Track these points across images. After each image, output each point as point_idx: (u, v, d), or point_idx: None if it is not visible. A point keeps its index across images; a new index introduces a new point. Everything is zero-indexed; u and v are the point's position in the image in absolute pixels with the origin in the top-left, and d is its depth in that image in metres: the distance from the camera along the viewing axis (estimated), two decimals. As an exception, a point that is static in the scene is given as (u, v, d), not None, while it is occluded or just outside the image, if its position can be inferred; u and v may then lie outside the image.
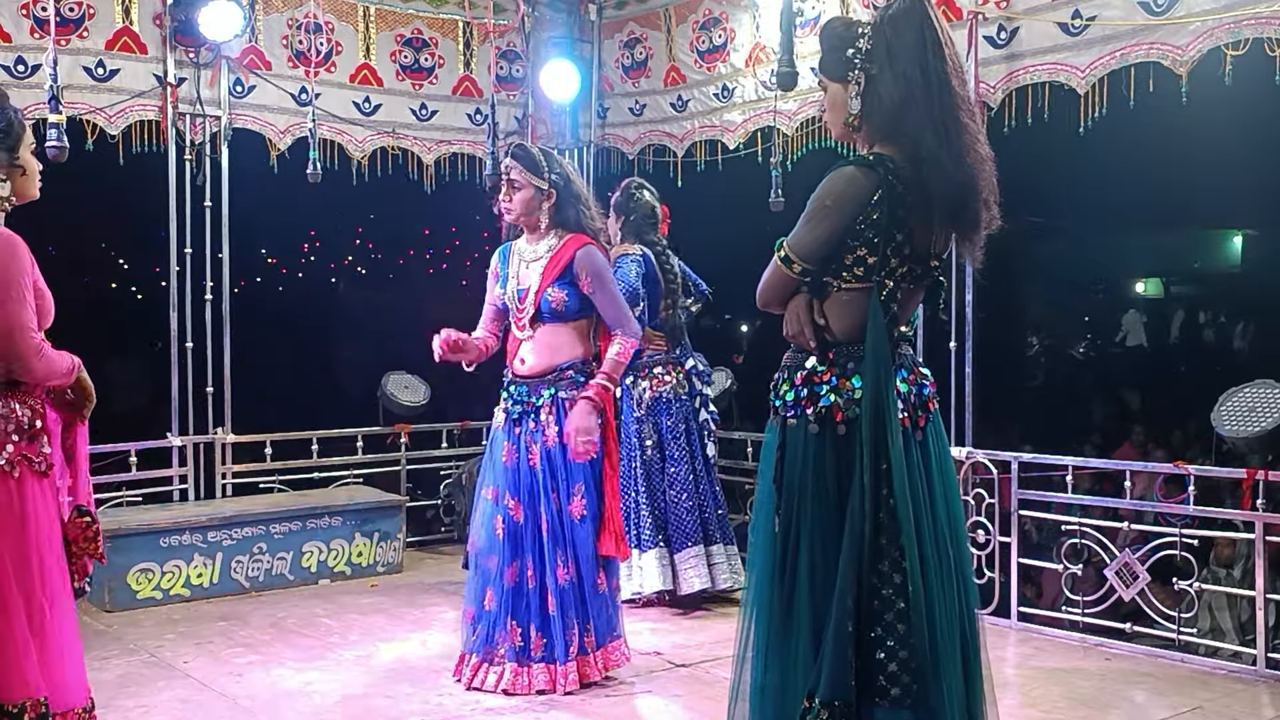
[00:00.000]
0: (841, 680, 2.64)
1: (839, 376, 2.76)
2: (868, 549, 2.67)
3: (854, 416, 2.72)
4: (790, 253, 2.76)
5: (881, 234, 2.70)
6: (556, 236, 4.29)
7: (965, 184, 2.72)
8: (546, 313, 4.23)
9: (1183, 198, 12.19)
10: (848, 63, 2.79)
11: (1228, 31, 4.44)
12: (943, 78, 2.70)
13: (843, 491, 2.72)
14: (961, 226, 2.81)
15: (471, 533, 4.38)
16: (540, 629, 4.16)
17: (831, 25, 2.90)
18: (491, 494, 4.26)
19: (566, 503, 4.21)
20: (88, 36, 5.69)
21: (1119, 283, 16.13)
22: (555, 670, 4.16)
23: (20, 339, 2.86)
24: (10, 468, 2.92)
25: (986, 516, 5.19)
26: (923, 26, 2.70)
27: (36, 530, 2.94)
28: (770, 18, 5.99)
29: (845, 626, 2.65)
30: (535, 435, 4.22)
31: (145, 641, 4.87)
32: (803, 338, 2.81)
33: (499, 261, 4.43)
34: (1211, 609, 5.71)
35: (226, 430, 6.21)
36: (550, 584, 4.16)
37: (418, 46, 6.71)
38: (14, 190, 3.01)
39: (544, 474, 4.20)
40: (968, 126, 2.72)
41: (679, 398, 5.43)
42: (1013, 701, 4.09)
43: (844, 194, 2.71)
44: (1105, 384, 12.76)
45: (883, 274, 2.73)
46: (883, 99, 2.74)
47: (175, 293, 6.09)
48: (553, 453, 4.21)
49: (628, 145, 7.06)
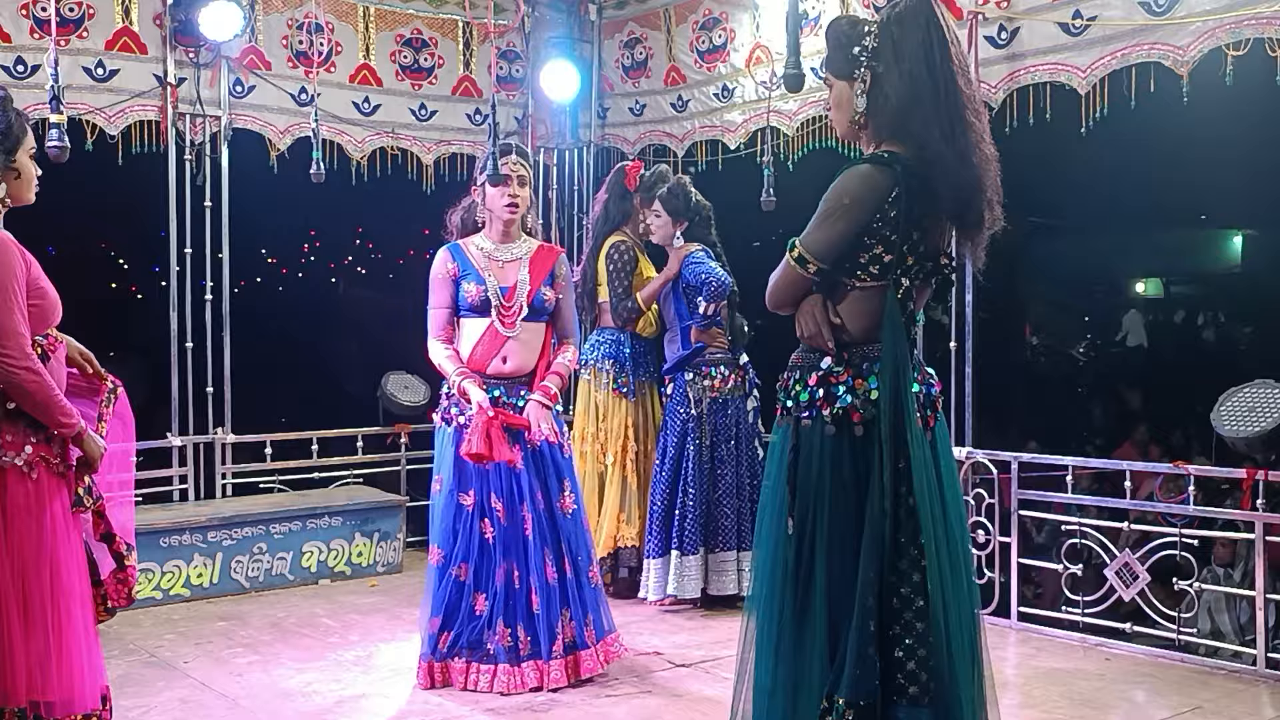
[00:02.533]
0: (866, 679, 2.65)
1: (855, 377, 2.76)
2: (888, 548, 2.67)
3: (871, 417, 2.72)
4: (805, 252, 2.75)
5: (899, 232, 2.70)
6: (528, 239, 4.42)
7: (970, 184, 2.72)
8: (537, 309, 4.30)
9: (1183, 198, 12.18)
10: (854, 61, 2.78)
11: (1228, 31, 4.44)
12: (949, 77, 2.70)
13: (860, 492, 2.72)
14: (965, 226, 2.81)
15: (443, 540, 4.28)
16: (527, 628, 4.19)
17: (837, 23, 2.89)
18: (471, 499, 4.23)
19: (556, 499, 4.26)
20: (88, 36, 5.69)
21: (1119, 283, 16.12)
22: (543, 667, 4.18)
23: (8, 344, 2.83)
24: (28, 468, 2.92)
25: (986, 516, 5.18)
26: (929, 25, 2.70)
27: (53, 531, 2.94)
28: (770, 18, 6.00)
29: (867, 625, 2.65)
30: (517, 436, 4.22)
31: (145, 641, 4.87)
32: (819, 339, 2.79)
33: (455, 260, 4.33)
34: (1211, 612, 5.71)
35: (226, 430, 6.20)
36: (536, 583, 4.18)
37: (417, 46, 6.71)
38: (8, 193, 3.00)
39: (528, 473, 4.21)
40: (973, 126, 2.73)
41: (735, 399, 5.40)
42: (1013, 701, 4.09)
43: (861, 192, 2.70)
44: (1105, 384, 12.75)
45: (898, 272, 2.73)
46: (889, 98, 2.74)
47: (175, 293, 6.09)
48: (538, 451, 4.24)
49: (628, 145, 7.05)
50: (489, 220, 4.39)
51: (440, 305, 4.34)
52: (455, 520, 4.23)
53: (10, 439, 2.91)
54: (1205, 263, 16.35)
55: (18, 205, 3.05)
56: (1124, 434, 10.03)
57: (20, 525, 2.89)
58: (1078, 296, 15.32)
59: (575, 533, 4.30)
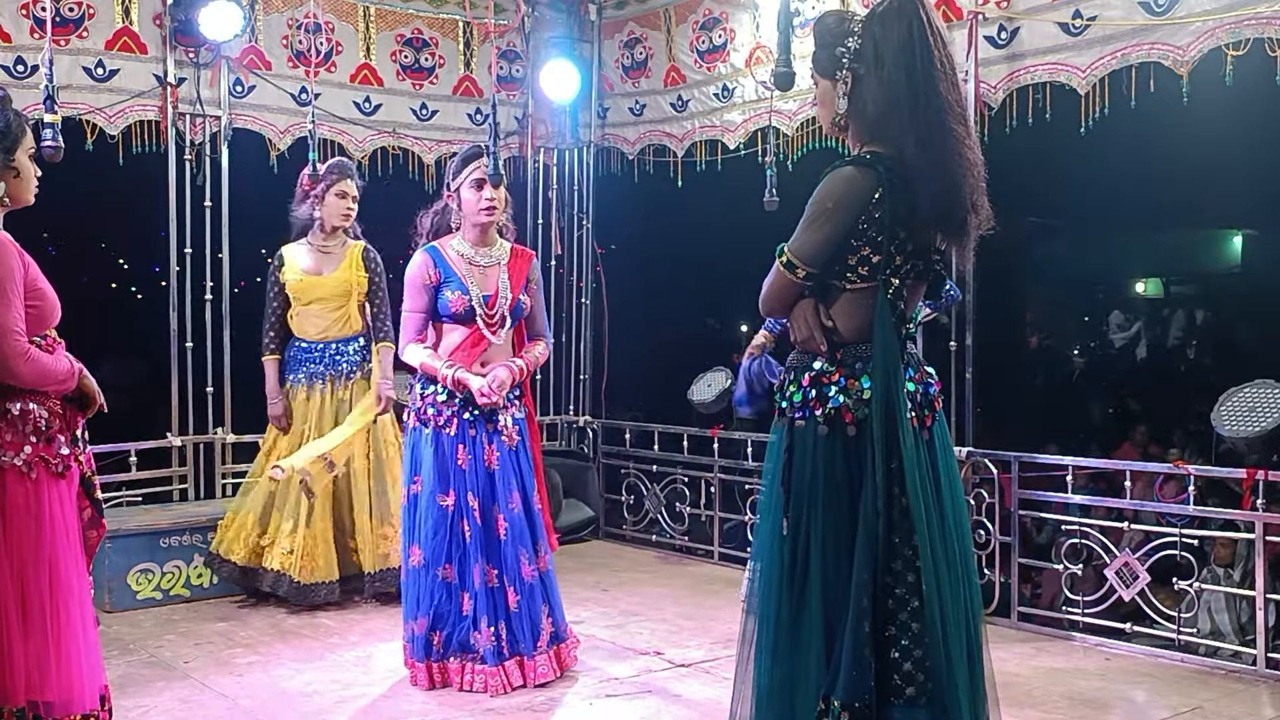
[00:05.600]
0: (861, 681, 2.64)
1: (847, 377, 2.75)
2: (882, 549, 2.66)
3: (864, 417, 2.71)
4: (793, 257, 2.75)
5: (885, 232, 2.69)
6: (501, 242, 4.44)
7: (946, 191, 2.68)
8: (516, 316, 4.37)
9: (1183, 198, 12.17)
10: (836, 61, 2.78)
11: (1228, 31, 4.45)
12: (929, 82, 2.67)
13: (854, 492, 2.71)
14: (947, 232, 2.79)
15: (425, 541, 4.26)
16: (508, 626, 4.21)
17: (825, 20, 2.88)
18: (450, 500, 4.23)
19: (532, 497, 4.33)
20: (87, 36, 5.69)
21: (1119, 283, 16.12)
22: (527, 664, 4.21)
23: (4, 343, 2.84)
24: (28, 469, 2.92)
25: (986, 516, 5.18)
26: (911, 27, 2.67)
27: (52, 532, 2.94)
28: (770, 18, 5.99)
29: (862, 627, 2.64)
30: (493, 437, 4.25)
31: (145, 642, 4.87)
32: (813, 342, 2.79)
33: (437, 266, 4.28)
34: (1211, 612, 5.71)
35: (226, 430, 6.20)
36: (513, 581, 4.21)
37: (418, 46, 6.72)
38: (7, 192, 2.99)
39: (502, 474, 4.24)
40: (954, 132, 2.69)
41: None
42: (1013, 701, 4.08)
43: (844, 194, 2.70)
44: (1105, 384, 12.76)
45: (888, 272, 2.72)
46: (867, 102, 2.74)
47: (175, 293, 6.09)
48: (513, 453, 4.30)
49: (628, 145, 7.06)
50: (464, 224, 4.36)
51: (418, 310, 4.30)
52: (438, 522, 4.24)
53: (10, 439, 2.91)
54: (1205, 263, 16.34)
55: (17, 206, 3.04)
56: (1124, 434, 10.03)
57: (19, 525, 2.89)
58: (1078, 296, 15.33)
59: (541, 529, 4.37)
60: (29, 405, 2.94)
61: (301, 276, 5.40)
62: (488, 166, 4.30)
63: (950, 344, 5.23)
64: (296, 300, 5.42)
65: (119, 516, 5.59)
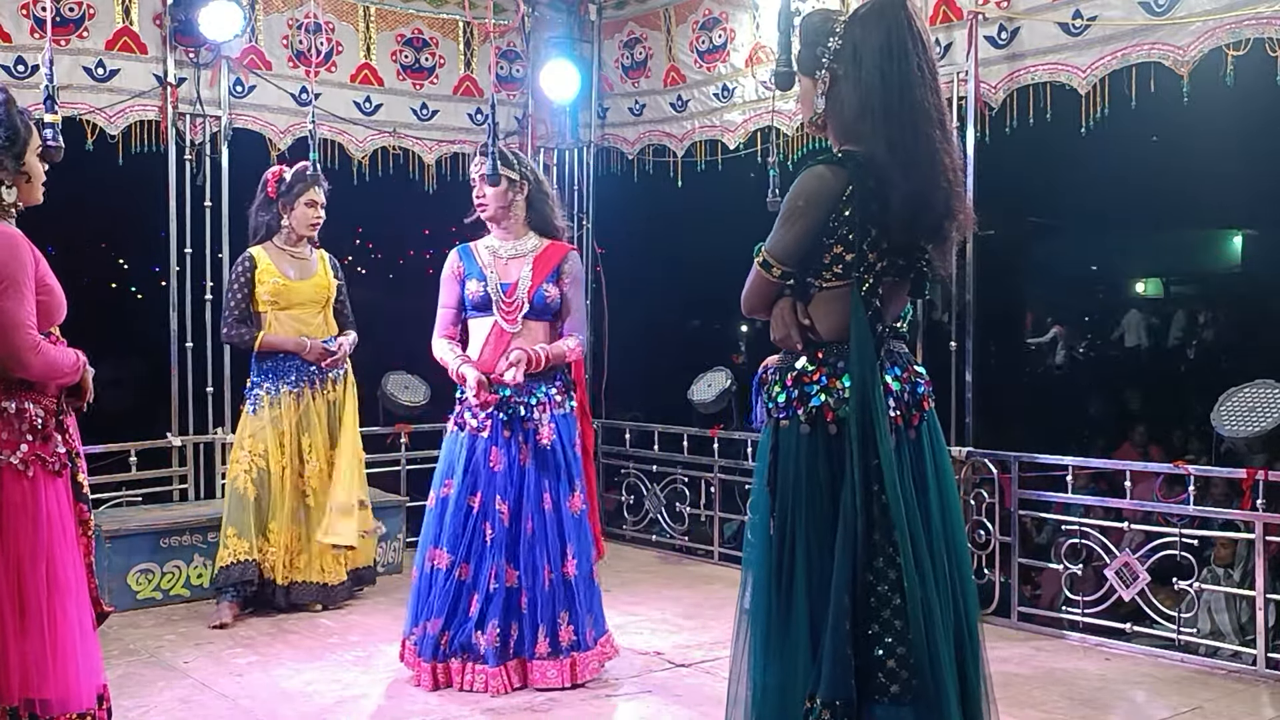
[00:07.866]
0: (842, 679, 2.64)
1: (829, 376, 2.75)
2: (862, 546, 2.66)
3: (845, 416, 2.71)
4: (769, 256, 2.77)
5: (856, 230, 2.70)
6: (537, 237, 4.41)
7: (917, 194, 2.68)
8: (539, 308, 4.31)
9: (1183, 198, 12.18)
10: (817, 60, 2.79)
11: (1228, 31, 4.45)
12: (905, 86, 2.66)
13: (836, 491, 2.71)
14: (919, 236, 2.78)
15: (438, 542, 4.27)
16: (517, 627, 4.20)
17: (810, 18, 2.88)
18: (477, 501, 4.22)
19: (565, 498, 4.26)
20: (88, 36, 5.69)
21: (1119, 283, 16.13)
22: (529, 665, 4.20)
23: (16, 336, 2.86)
24: (24, 467, 2.92)
25: (986, 516, 5.18)
26: (890, 28, 2.67)
27: (49, 530, 2.94)
28: (770, 18, 5.99)
29: (843, 625, 2.64)
30: (528, 435, 4.24)
31: (145, 642, 4.87)
32: (790, 341, 2.81)
33: (462, 261, 4.38)
34: (1211, 612, 5.71)
35: (226, 430, 6.19)
36: (529, 583, 4.19)
37: (418, 46, 6.72)
38: (19, 196, 3.03)
39: (534, 472, 4.22)
40: (930, 136, 2.68)
41: None
42: (1013, 701, 4.08)
43: (815, 193, 2.72)
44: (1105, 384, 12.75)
45: (862, 270, 2.72)
46: (843, 104, 2.75)
47: (175, 293, 6.09)
48: (549, 451, 4.25)
49: (628, 145, 7.06)
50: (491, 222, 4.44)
51: (446, 305, 4.41)
52: (463, 523, 4.23)
53: (6, 437, 2.91)
54: (1205, 263, 16.36)
55: (28, 205, 3.07)
56: (1124, 434, 10.03)
57: (16, 523, 2.89)
58: (1078, 296, 15.34)
59: (580, 534, 4.30)
60: (25, 403, 2.94)
61: (284, 281, 5.33)
62: (486, 166, 4.31)
63: (950, 344, 5.23)
64: (274, 304, 5.30)
65: (119, 516, 5.60)
